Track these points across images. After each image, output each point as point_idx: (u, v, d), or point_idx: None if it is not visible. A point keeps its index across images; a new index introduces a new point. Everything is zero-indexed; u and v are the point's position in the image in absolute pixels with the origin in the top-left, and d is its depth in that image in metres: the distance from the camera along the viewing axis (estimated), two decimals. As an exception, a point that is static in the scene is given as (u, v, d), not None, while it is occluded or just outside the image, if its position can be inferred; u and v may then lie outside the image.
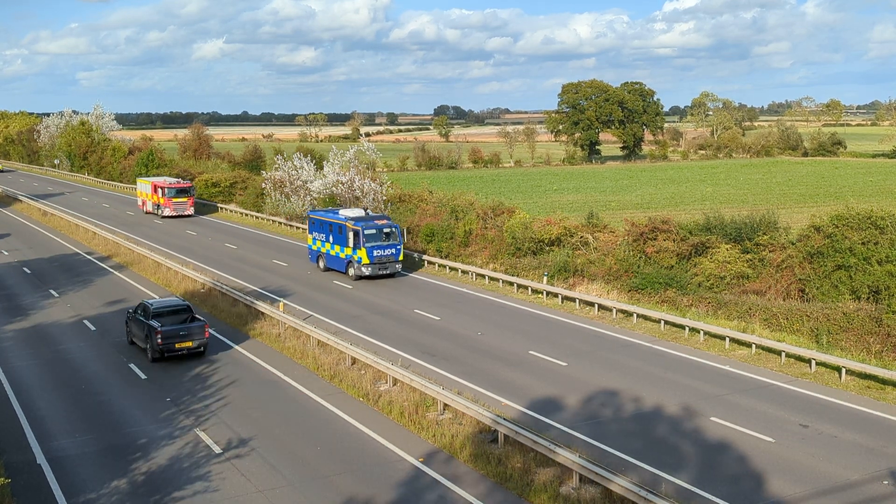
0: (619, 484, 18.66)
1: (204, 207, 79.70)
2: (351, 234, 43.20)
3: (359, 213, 47.19)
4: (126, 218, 73.95)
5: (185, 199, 72.72)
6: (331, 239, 46.04)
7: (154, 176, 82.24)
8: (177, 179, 76.64)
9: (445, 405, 24.77)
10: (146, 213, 75.38)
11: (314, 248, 47.91)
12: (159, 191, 72.70)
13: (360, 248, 43.70)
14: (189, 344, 30.21)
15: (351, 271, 44.01)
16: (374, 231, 43.94)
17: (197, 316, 31.90)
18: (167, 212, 71.93)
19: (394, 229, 44.78)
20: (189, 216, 72.87)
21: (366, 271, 43.09)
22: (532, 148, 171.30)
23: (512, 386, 27.50)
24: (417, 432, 23.67)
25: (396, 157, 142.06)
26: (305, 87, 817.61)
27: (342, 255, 44.51)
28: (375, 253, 43.69)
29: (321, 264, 46.61)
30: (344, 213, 46.91)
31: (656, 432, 23.54)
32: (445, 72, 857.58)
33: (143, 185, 77.45)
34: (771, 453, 21.91)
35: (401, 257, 45.07)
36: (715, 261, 38.10)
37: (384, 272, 44.28)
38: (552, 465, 20.64)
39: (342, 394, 27.19)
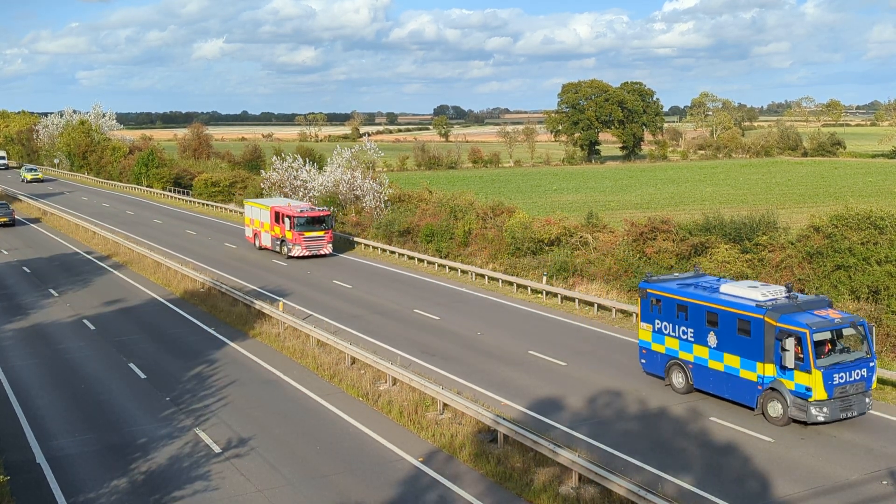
0: (619, 484, 18.66)
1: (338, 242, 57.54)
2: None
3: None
4: (126, 217, 73.94)
5: (321, 233, 52.01)
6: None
7: (272, 198, 61.69)
8: (309, 205, 54.94)
9: (445, 405, 24.78)
10: (260, 247, 55.18)
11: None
12: (285, 221, 51.89)
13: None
14: None
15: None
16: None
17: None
18: (297, 251, 51.31)
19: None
20: (327, 256, 52.56)
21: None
22: (532, 148, 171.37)
23: (511, 386, 27.50)
24: (417, 432, 23.67)
25: (396, 157, 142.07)
26: (305, 87, 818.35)
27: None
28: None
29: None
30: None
31: (656, 432, 23.54)
32: (445, 71, 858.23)
33: (256, 211, 55.87)
34: (770, 453, 21.92)
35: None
36: (714, 261, 38.08)
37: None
38: (552, 464, 20.64)
39: (342, 393, 27.19)
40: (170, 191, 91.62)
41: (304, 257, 51.42)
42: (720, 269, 37.56)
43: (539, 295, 40.79)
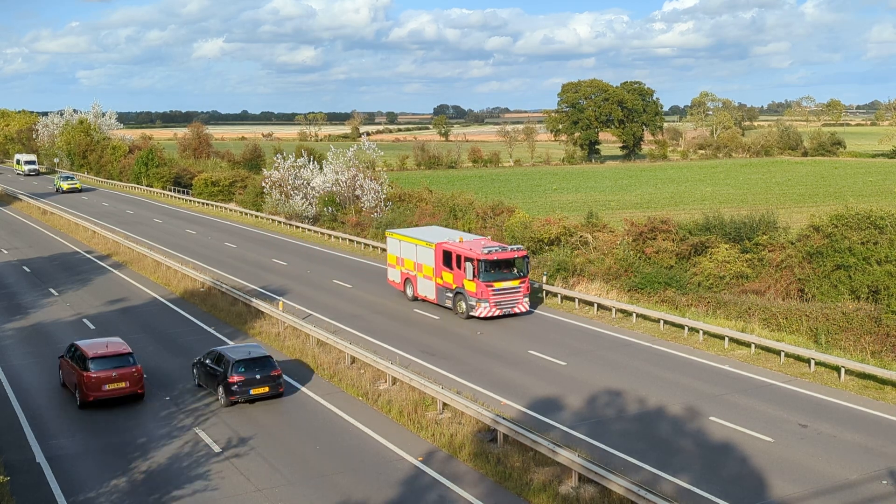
0: (619, 483, 18.67)
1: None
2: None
3: None
4: (126, 217, 73.94)
5: (515, 283, 36.09)
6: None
7: (431, 228, 43.74)
8: (498, 244, 37.72)
9: (445, 404, 24.78)
10: (414, 297, 39.40)
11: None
12: (464, 265, 35.80)
13: None
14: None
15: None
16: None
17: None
18: (483, 308, 35.46)
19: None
20: (524, 314, 36.83)
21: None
22: (532, 147, 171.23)
23: (511, 385, 27.50)
24: (417, 431, 23.67)
25: (396, 157, 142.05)
26: (305, 87, 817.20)
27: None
28: None
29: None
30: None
31: (656, 432, 23.55)
32: (445, 71, 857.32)
33: (408, 248, 39.60)
34: (770, 453, 21.92)
35: None
36: (714, 260, 38.12)
37: None
38: (551, 464, 20.65)
39: (341, 393, 27.19)
40: (170, 190, 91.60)
41: (493, 318, 35.60)
42: (720, 268, 37.62)
43: (539, 294, 40.76)
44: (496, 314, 35.65)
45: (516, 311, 36.17)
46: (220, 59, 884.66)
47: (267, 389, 26.16)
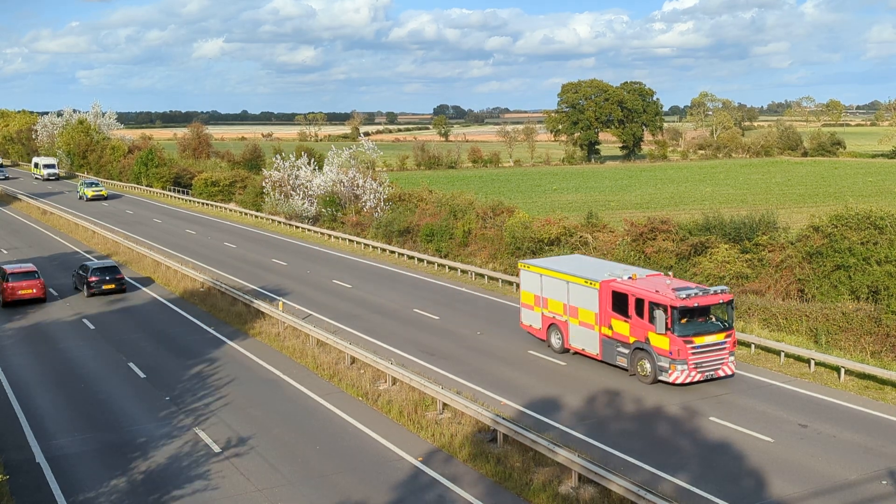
0: (618, 483, 18.67)
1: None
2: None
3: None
4: (126, 217, 73.92)
5: (720, 337, 27.16)
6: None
7: (590, 259, 34.85)
8: (696, 285, 28.36)
9: (444, 404, 24.78)
10: (563, 349, 30.90)
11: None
12: (654, 314, 26.76)
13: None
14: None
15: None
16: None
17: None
18: (680, 372, 26.52)
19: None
20: (726, 377, 27.87)
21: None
22: (531, 148, 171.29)
23: (511, 385, 27.50)
24: (416, 431, 23.67)
25: (396, 157, 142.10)
26: (305, 87, 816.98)
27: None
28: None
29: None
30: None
31: (655, 432, 23.55)
32: (445, 71, 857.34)
33: (554, 284, 31.11)
34: (770, 453, 21.92)
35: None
36: (714, 261, 38.09)
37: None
38: (551, 464, 20.65)
39: (341, 393, 27.19)
40: (169, 190, 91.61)
41: (691, 383, 26.78)
42: (720, 269, 37.60)
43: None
44: (697, 379, 26.62)
45: (720, 374, 27.09)
46: (220, 59, 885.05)
47: (113, 286, 42.15)
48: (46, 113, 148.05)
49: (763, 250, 37.87)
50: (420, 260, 50.11)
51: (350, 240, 57.73)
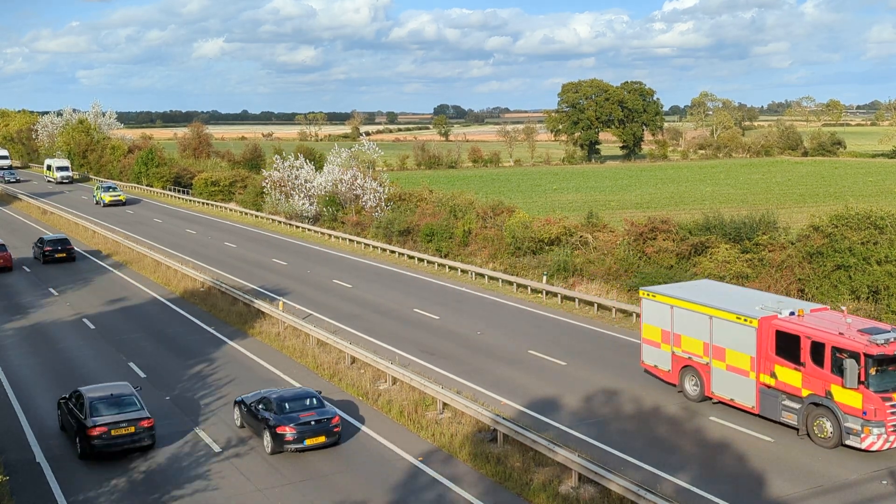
0: (618, 483, 18.68)
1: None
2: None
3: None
4: (126, 217, 73.92)
5: None
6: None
7: (717, 287, 28.89)
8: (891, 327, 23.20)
9: (445, 404, 24.78)
10: (703, 397, 25.70)
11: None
12: (843, 363, 21.60)
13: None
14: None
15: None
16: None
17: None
18: (876, 437, 21.31)
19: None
20: None
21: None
22: (532, 147, 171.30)
23: (511, 385, 27.50)
24: (416, 431, 23.68)
25: (396, 157, 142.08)
26: (305, 86, 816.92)
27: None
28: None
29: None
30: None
31: (655, 432, 23.55)
32: (445, 71, 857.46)
33: (700, 319, 25.64)
34: (770, 453, 21.92)
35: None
36: (714, 260, 38.09)
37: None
38: (551, 464, 20.65)
39: (341, 392, 27.19)
40: (170, 190, 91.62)
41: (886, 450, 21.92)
42: (720, 268, 37.59)
43: (539, 294, 40.77)
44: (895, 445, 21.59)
45: None
46: (220, 59, 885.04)
47: (65, 255, 50.49)
48: (46, 113, 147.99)
49: (763, 250, 37.86)
50: (420, 260, 50.11)
51: (350, 239, 57.74)
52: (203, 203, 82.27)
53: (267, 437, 22.12)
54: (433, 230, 51.55)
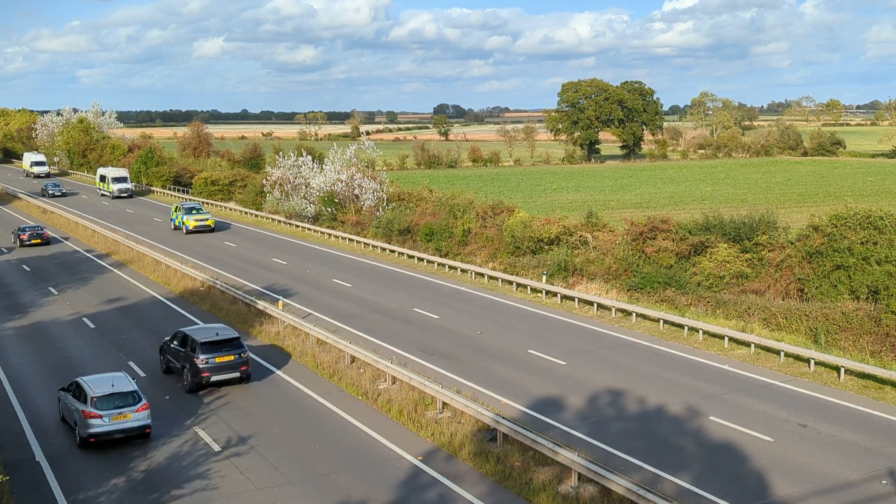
0: (619, 483, 18.67)
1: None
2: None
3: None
4: (125, 216, 73.91)
5: None
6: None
7: None
8: None
9: (444, 404, 24.78)
10: None
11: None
12: None
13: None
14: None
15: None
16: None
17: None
18: None
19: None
20: None
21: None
22: (531, 147, 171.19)
23: (511, 385, 27.50)
24: (416, 431, 23.67)
25: (396, 156, 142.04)
26: (305, 86, 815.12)
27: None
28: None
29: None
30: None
31: (655, 432, 23.55)
32: (445, 70, 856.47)
33: None
34: (770, 452, 21.92)
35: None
36: (714, 260, 38.13)
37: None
38: (551, 464, 20.65)
39: (341, 392, 27.19)
40: (169, 189, 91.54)
41: None
42: (720, 268, 37.64)
43: (539, 294, 40.78)
44: None
45: None
46: (221, 59, 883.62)
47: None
48: (47, 112, 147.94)
49: (763, 250, 37.90)
50: (420, 259, 50.12)
51: (350, 239, 57.74)
52: (203, 202, 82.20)
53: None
54: (433, 230, 51.55)
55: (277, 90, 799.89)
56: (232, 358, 27.01)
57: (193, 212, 64.03)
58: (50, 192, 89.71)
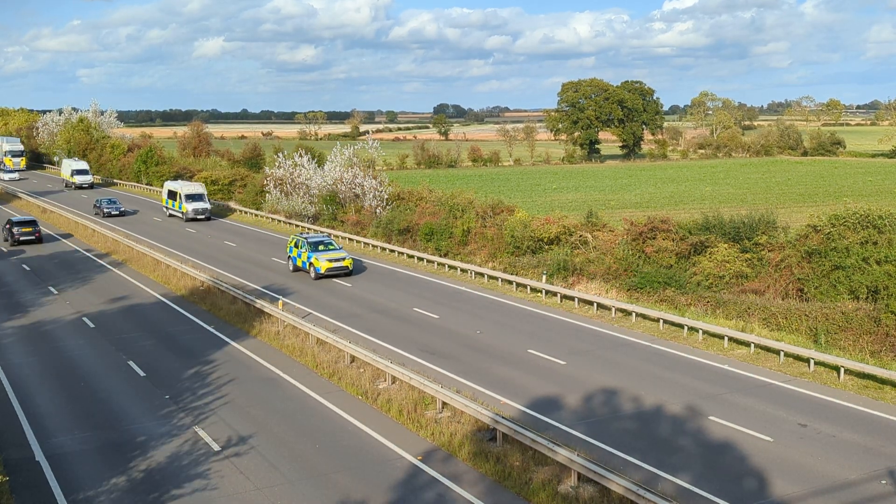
0: (618, 483, 18.68)
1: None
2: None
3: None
4: (126, 215, 73.86)
5: None
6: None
7: None
8: None
9: (444, 403, 24.79)
10: None
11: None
12: None
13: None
14: None
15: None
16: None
17: None
18: None
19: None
20: None
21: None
22: (531, 147, 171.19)
23: (511, 384, 27.51)
24: (416, 430, 23.68)
25: (396, 156, 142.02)
26: (305, 85, 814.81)
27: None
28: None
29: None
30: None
31: (655, 431, 23.56)
32: (445, 70, 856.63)
33: None
34: (769, 452, 21.93)
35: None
36: (714, 260, 38.13)
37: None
38: (551, 463, 20.65)
39: (341, 392, 27.20)
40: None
41: None
42: (720, 268, 37.63)
43: (538, 294, 40.79)
44: None
45: None
46: (221, 58, 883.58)
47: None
48: (47, 111, 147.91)
49: (762, 250, 37.91)
50: (420, 259, 50.12)
51: (350, 238, 57.75)
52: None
53: None
54: (433, 229, 51.56)
55: (277, 90, 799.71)
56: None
57: (322, 247, 46.02)
58: (105, 210, 72.23)
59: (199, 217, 70.18)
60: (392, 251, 53.03)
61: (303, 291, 41.94)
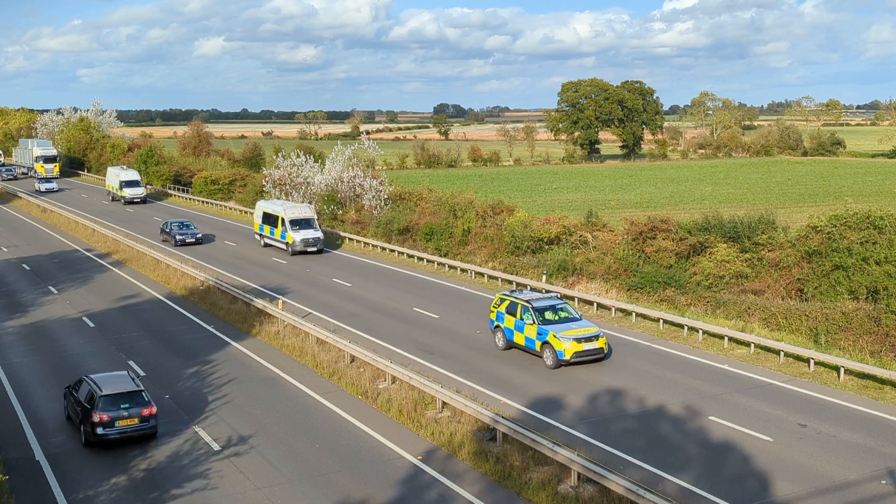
0: (618, 483, 18.68)
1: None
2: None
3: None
4: (125, 215, 73.89)
5: None
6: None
7: None
8: None
9: (444, 403, 24.79)
10: None
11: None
12: None
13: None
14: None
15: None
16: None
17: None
18: None
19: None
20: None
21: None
22: (531, 147, 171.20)
23: (511, 384, 27.51)
24: (416, 430, 23.69)
25: (396, 155, 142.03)
26: (305, 85, 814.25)
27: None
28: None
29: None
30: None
31: (655, 431, 23.56)
32: (445, 70, 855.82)
33: None
34: (769, 452, 21.93)
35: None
36: (714, 260, 38.13)
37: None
38: (551, 463, 20.66)
39: (341, 391, 27.21)
40: (169, 188, 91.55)
41: None
42: (719, 268, 37.64)
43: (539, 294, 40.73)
44: None
45: None
46: (221, 58, 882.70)
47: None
48: (47, 111, 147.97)
49: (762, 250, 37.91)
50: (420, 258, 50.13)
51: (350, 238, 57.74)
52: (202, 202, 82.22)
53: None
54: (433, 229, 51.56)
55: (277, 89, 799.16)
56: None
57: (552, 315, 30.80)
58: (178, 237, 57.19)
59: (309, 248, 52.87)
60: (392, 251, 53.03)
61: (303, 291, 41.95)
